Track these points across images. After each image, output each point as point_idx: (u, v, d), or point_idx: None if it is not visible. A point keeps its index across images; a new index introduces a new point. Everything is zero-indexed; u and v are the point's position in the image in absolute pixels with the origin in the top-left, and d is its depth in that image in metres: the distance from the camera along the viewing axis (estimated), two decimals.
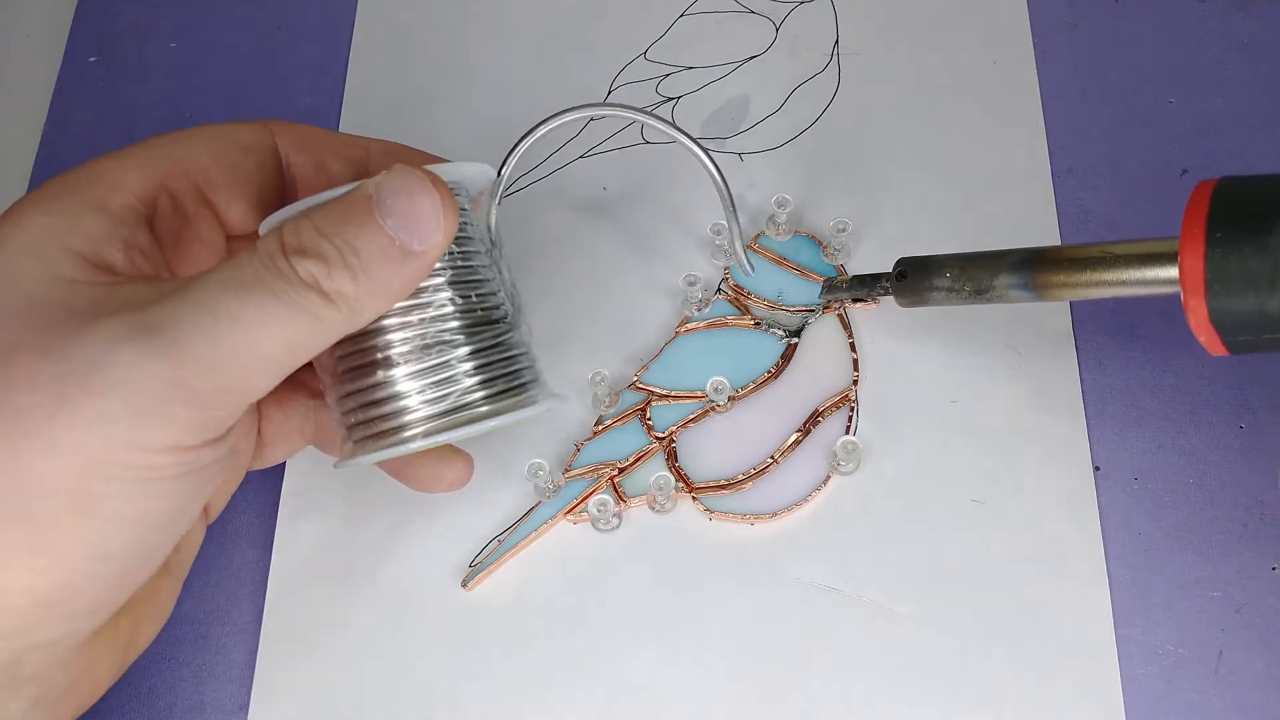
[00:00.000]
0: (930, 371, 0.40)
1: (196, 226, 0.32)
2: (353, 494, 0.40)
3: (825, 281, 0.40)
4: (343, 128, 0.46)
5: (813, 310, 0.41)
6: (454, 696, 0.37)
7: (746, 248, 0.42)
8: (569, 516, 0.39)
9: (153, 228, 0.31)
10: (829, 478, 0.39)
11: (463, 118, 0.46)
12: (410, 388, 0.31)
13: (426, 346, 0.31)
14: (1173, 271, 0.31)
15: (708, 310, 0.41)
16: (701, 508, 0.39)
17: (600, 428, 0.40)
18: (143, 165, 0.31)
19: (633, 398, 0.40)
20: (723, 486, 0.39)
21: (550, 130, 0.36)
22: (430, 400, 0.31)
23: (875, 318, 0.41)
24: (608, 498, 0.38)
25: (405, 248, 0.28)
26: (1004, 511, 0.38)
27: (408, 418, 0.31)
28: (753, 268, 0.40)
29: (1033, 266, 0.34)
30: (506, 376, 0.32)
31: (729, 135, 0.45)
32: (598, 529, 0.39)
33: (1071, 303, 0.41)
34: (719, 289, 0.42)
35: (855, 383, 0.40)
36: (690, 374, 0.40)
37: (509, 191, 0.45)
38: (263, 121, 0.34)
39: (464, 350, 0.31)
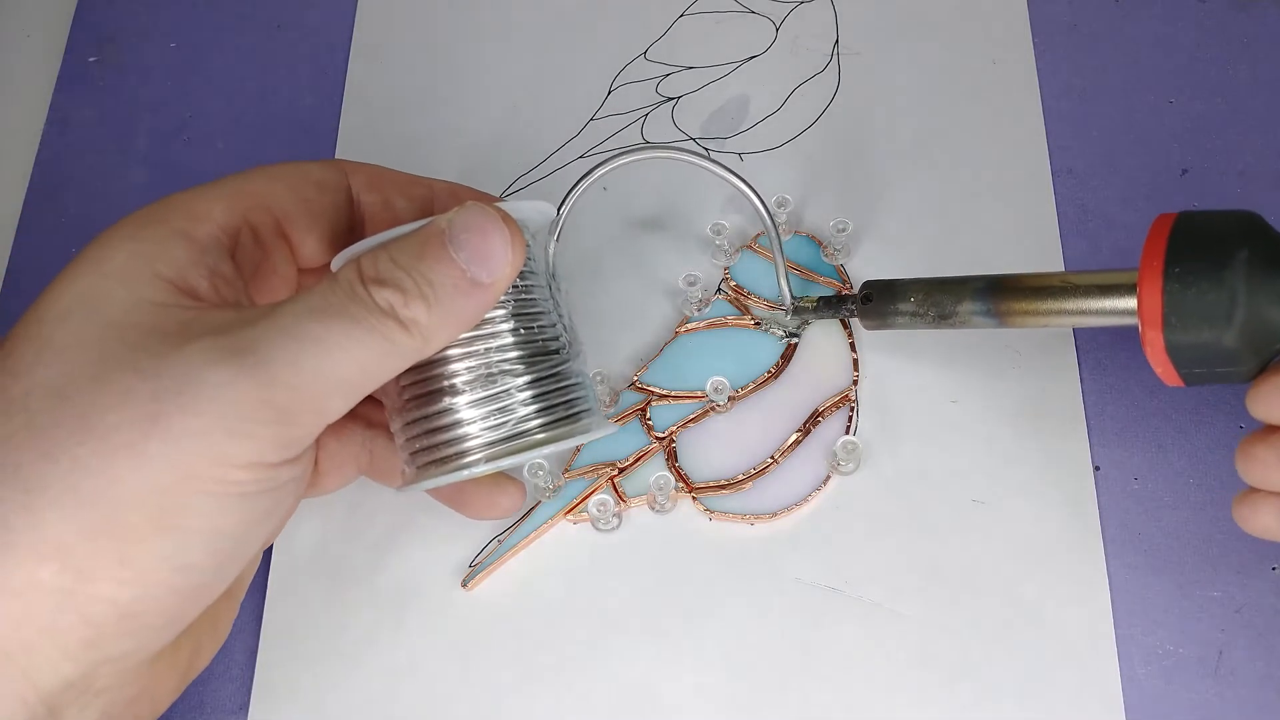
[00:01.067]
0: (930, 371, 0.40)
1: (273, 259, 0.34)
2: (353, 494, 0.40)
3: (792, 303, 0.40)
4: (343, 128, 0.46)
5: (779, 324, 0.41)
6: (454, 696, 0.37)
7: (746, 247, 0.42)
8: (569, 516, 0.39)
9: (234, 258, 0.32)
10: (829, 478, 0.39)
11: (463, 118, 0.46)
12: (472, 415, 0.32)
13: (489, 376, 0.32)
14: (1131, 303, 0.32)
15: (708, 310, 0.41)
16: (701, 508, 0.39)
17: None
18: (227, 198, 0.32)
19: (633, 398, 0.40)
20: (723, 486, 0.39)
21: (611, 170, 0.36)
22: (490, 427, 0.32)
23: None
24: (608, 498, 0.38)
25: (475, 280, 0.29)
26: (1004, 511, 0.38)
27: (469, 443, 0.32)
28: (794, 295, 0.40)
29: (995, 294, 0.35)
30: (563, 405, 0.33)
31: (729, 135, 0.45)
32: (598, 529, 0.39)
33: None
34: (719, 289, 0.42)
35: (855, 383, 0.40)
36: (690, 374, 0.40)
37: (510, 191, 0.45)
38: (336, 161, 0.36)
39: (524, 379, 0.32)
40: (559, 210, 0.35)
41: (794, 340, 0.41)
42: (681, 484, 0.39)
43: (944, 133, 0.44)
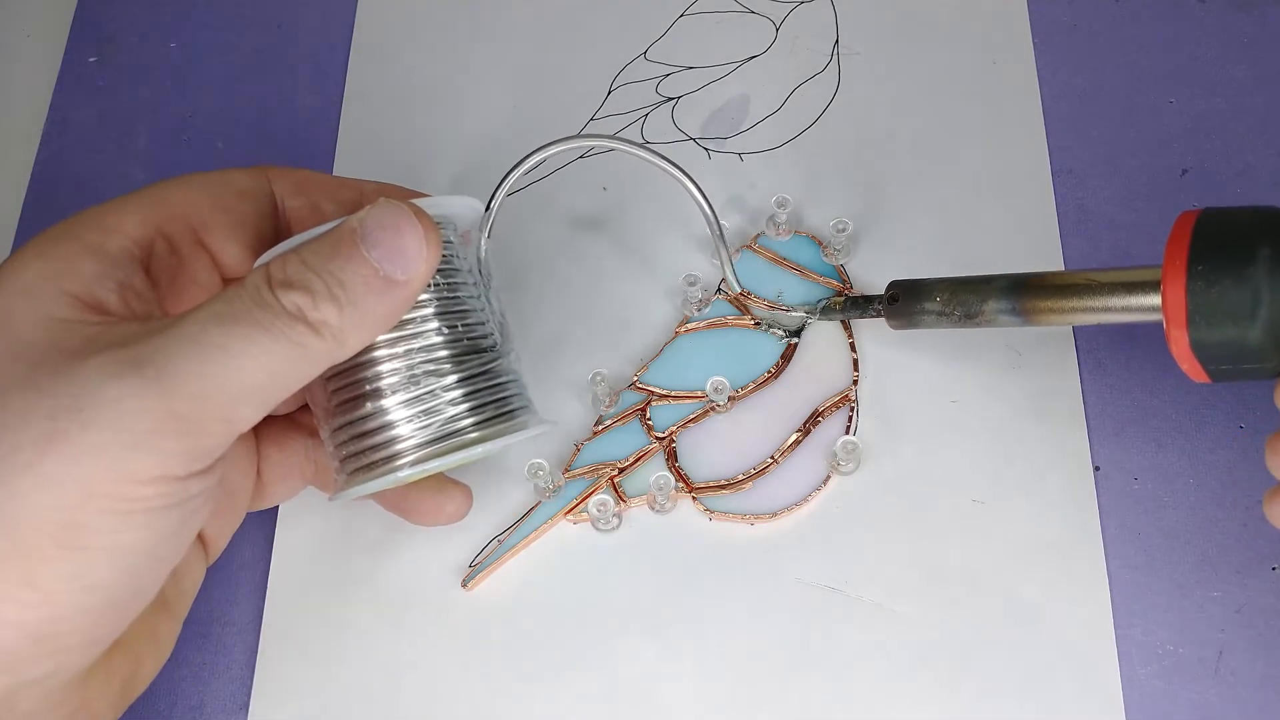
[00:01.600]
0: (930, 371, 0.40)
1: (192, 269, 0.33)
2: None
3: (819, 303, 0.41)
4: (343, 128, 0.46)
5: (808, 317, 0.41)
6: (454, 696, 0.37)
7: (746, 247, 0.42)
8: (569, 516, 0.39)
9: (148, 270, 0.32)
10: (829, 478, 0.39)
11: (462, 118, 0.46)
12: (399, 417, 0.31)
13: (415, 376, 0.31)
14: (1155, 301, 0.32)
15: (708, 310, 0.41)
16: (701, 508, 0.39)
17: (600, 428, 0.40)
18: (139, 210, 0.32)
19: (633, 398, 0.40)
20: (723, 486, 0.39)
21: (539, 162, 0.36)
22: (419, 428, 0.32)
23: (876, 318, 0.41)
24: (608, 498, 0.38)
25: (389, 278, 0.29)
26: (1004, 511, 0.38)
27: (398, 446, 0.32)
28: (740, 288, 0.40)
29: (1021, 293, 0.35)
30: (495, 403, 0.33)
31: (729, 135, 0.45)
32: (598, 529, 0.39)
33: None
34: (719, 289, 0.42)
35: (855, 383, 0.40)
36: (690, 374, 0.40)
37: (511, 191, 0.45)
38: (259, 167, 0.35)
39: (452, 379, 0.32)
40: (488, 206, 0.35)
41: (794, 340, 0.41)
42: (681, 484, 0.39)
43: (944, 133, 0.44)
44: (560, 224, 0.44)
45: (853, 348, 0.41)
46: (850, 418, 0.40)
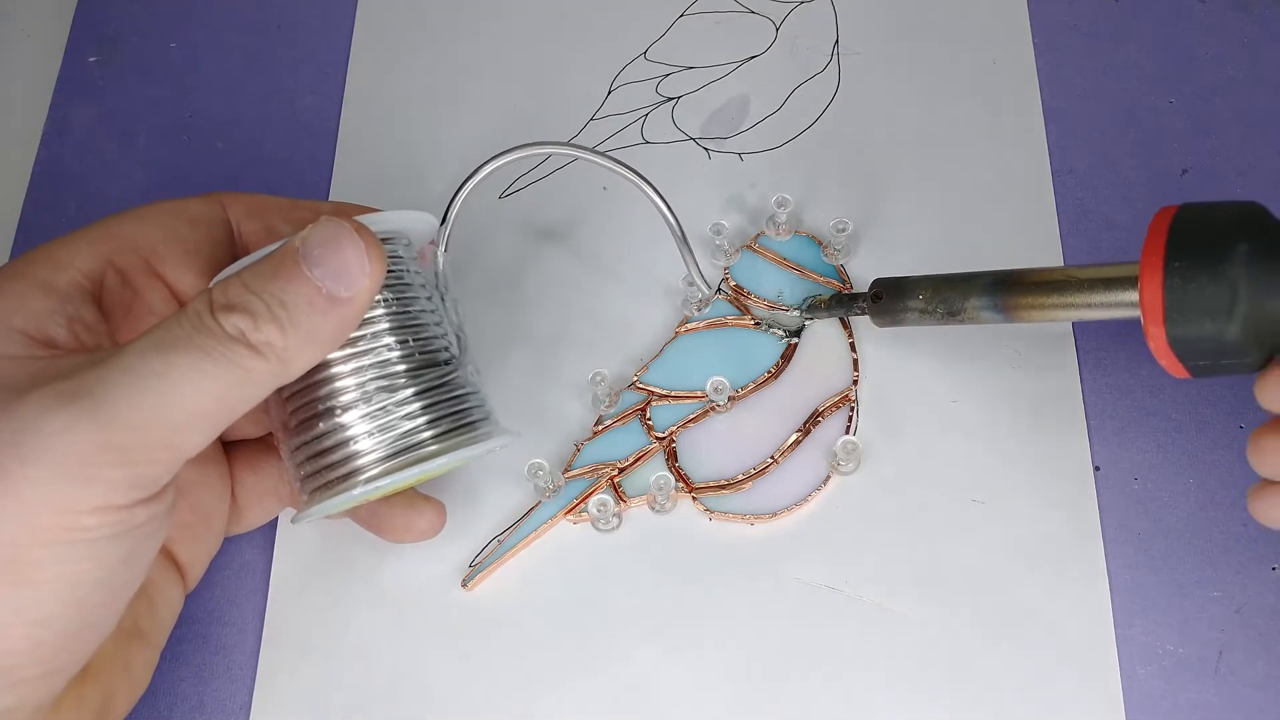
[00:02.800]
0: (930, 371, 0.40)
1: (147, 299, 0.33)
2: None
3: (805, 301, 0.41)
4: (343, 128, 0.46)
5: (800, 319, 0.41)
6: (454, 696, 0.37)
7: (746, 247, 0.42)
8: (569, 516, 0.39)
9: (100, 303, 0.32)
10: (829, 478, 0.39)
11: (463, 117, 0.46)
12: (356, 433, 0.31)
13: (370, 393, 0.31)
14: (1133, 297, 0.32)
15: (708, 310, 0.41)
16: (701, 508, 0.39)
17: (600, 428, 0.40)
18: (90, 244, 0.32)
19: (633, 398, 0.40)
20: (723, 486, 0.39)
21: (491, 171, 0.36)
22: (378, 444, 0.32)
23: None
24: (608, 498, 0.38)
25: (332, 296, 0.29)
26: (1004, 511, 0.38)
27: (357, 463, 0.32)
28: (709, 287, 0.40)
29: (1002, 290, 0.35)
30: (453, 415, 0.33)
31: (729, 135, 0.45)
32: (598, 529, 0.39)
33: None
34: (719, 289, 0.42)
35: (855, 383, 0.40)
36: (690, 374, 0.40)
37: (510, 191, 0.45)
38: (213, 194, 0.35)
39: (408, 393, 0.32)
40: (443, 219, 0.35)
41: (794, 340, 0.41)
42: (681, 484, 0.39)
43: (944, 133, 0.44)
44: (560, 224, 0.44)
45: (853, 348, 0.41)
46: (850, 418, 0.40)
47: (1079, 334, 0.41)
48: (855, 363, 0.40)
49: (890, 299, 0.38)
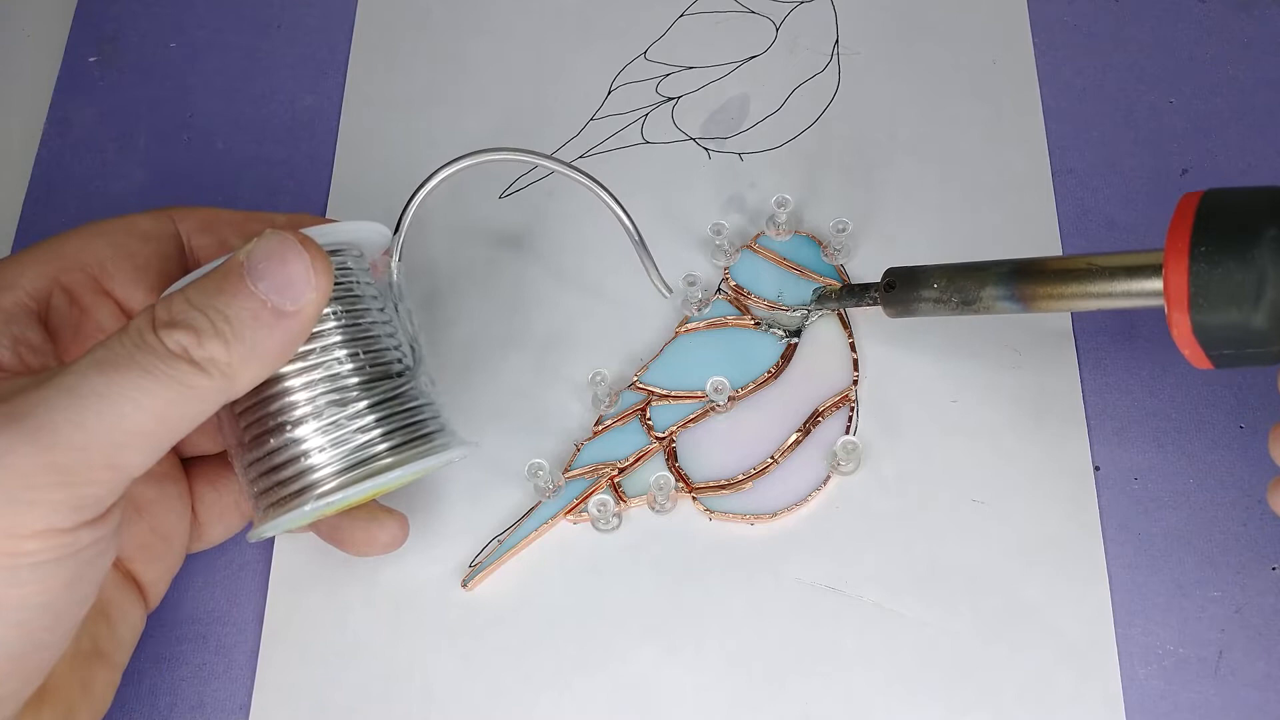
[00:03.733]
0: (930, 371, 0.40)
1: (96, 317, 0.33)
2: None
3: (816, 291, 0.41)
4: (343, 128, 0.46)
5: (807, 314, 0.41)
6: (454, 696, 0.37)
7: (746, 247, 0.42)
8: (569, 516, 0.39)
9: (47, 323, 0.31)
10: (829, 478, 0.39)
11: (463, 118, 0.46)
12: (309, 448, 0.31)
13: (322, 407, 0.31)
14: (1157, 284, 0.31)
15: (708, 310, 0.41)
16: (701, 508, 0.39)
17: (600, 428, 0.40)
18: (36, 264, 0.32)
19: (633, 398, 0.40)
20: (723, 486, 0.39)
21: (445, 179, 0.35)
22: (331, 458, 0.31)
23: (875, 317, 0.41)
24: (608, 498, 0.38)
25: (278, 309, 0.28)
26: (1004, 511, 0.38)
27: (311, 478, 0.31)
28: (670, 290, 0.39)
29: (1019, 278, 0.34)
30: (408, 428, 0.32)
31: (729, 135, 0.45)
32: (598, 529, 0.39)
33: None
34: (719, 289, 0.42)
35: (855, 383, 0.40)
36: (690, 374, 0.40)
37: (510, 191, 0.45)
38: (164, 209, 0.35)
39: (360, 406, 0.32)
40: (396, 229, 0.35)
41: (794, 340, 0.41)
42: (681, 484, 0.39)
43: (944, 133, 0.44)
44: (560, 223, 0.44)
45: (853, 348, 0.41)
46: (850, 418, 0.40)
47: (1079, 334, 0.41)
48: (855, 363, 0.40)
49: (903, 288, 0.37)
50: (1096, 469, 0.39)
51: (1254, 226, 0.28)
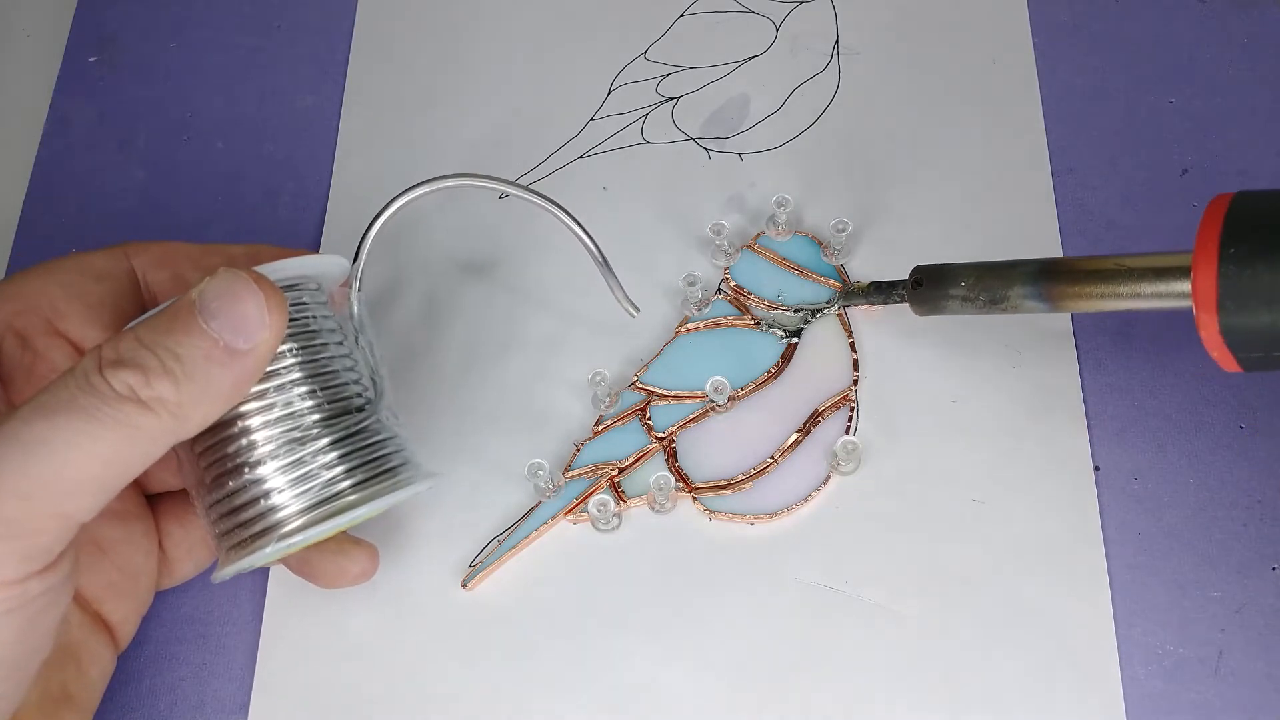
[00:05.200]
0: (930, 371, 0.40)
1: (51, 359, 0.33)
2: None
3: (841, 288, 0.41)
4: (343, 128, 0.46)
5: (821, 310, 0.41)
6: (454, 696, 0.37)
7: (746, 247, 0.42)
8: (569, 516, 0.39)
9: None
10: (829, 478, 0.39)
11: (463, 118, 0.46)
12: (270, 488, 0.31)
13: (281, 446, 0.31)
14: (1185, 286, 0.31)
15: (708, 310, 0.41)
16: (701, 508, 0.39)
17: (600, 428, 0.40)
18: None
19: (633, 398, 0.40)
20: (723, 486, 0.39)
21: (406, 204, 0.35)
22: (294, 497, 0.31)
23: (876, 318, 0.41)
24: (608, 498, 0.38)
25: (231, 348, 0.28)
26: (1004, 511, 0.38)
27: (274, 518, 0.31)
28: (637, 310, 0.39)
29: (1048, 278, 0.34)
30: (370, 463, 0.32)
31: (729, 135, 0.45)
32: (598, 529, 0.39)
33: None
34: (719, 289, 0.42)
35: (855, 383, 0.40)
36: (690, 374, 0.40)
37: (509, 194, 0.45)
38: (118, 246, 0.34)
39: (322, 443, 0.31)
40: (355, 259, 0.34)
41: (794, 340, 0.41)
42: (681, 484, 0.39)
43: (944, 133, 0.44)
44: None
45: (853, 348, 0.41)
46: (850, 418, 0.40)
47: (1079, 333, 0.41)
48: (855, 363, 0.40)
49: (931, 286, 0.37)
50: (1096, 469, 0.39)
51: None
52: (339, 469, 0.31)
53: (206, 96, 0.48)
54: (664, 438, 0.40)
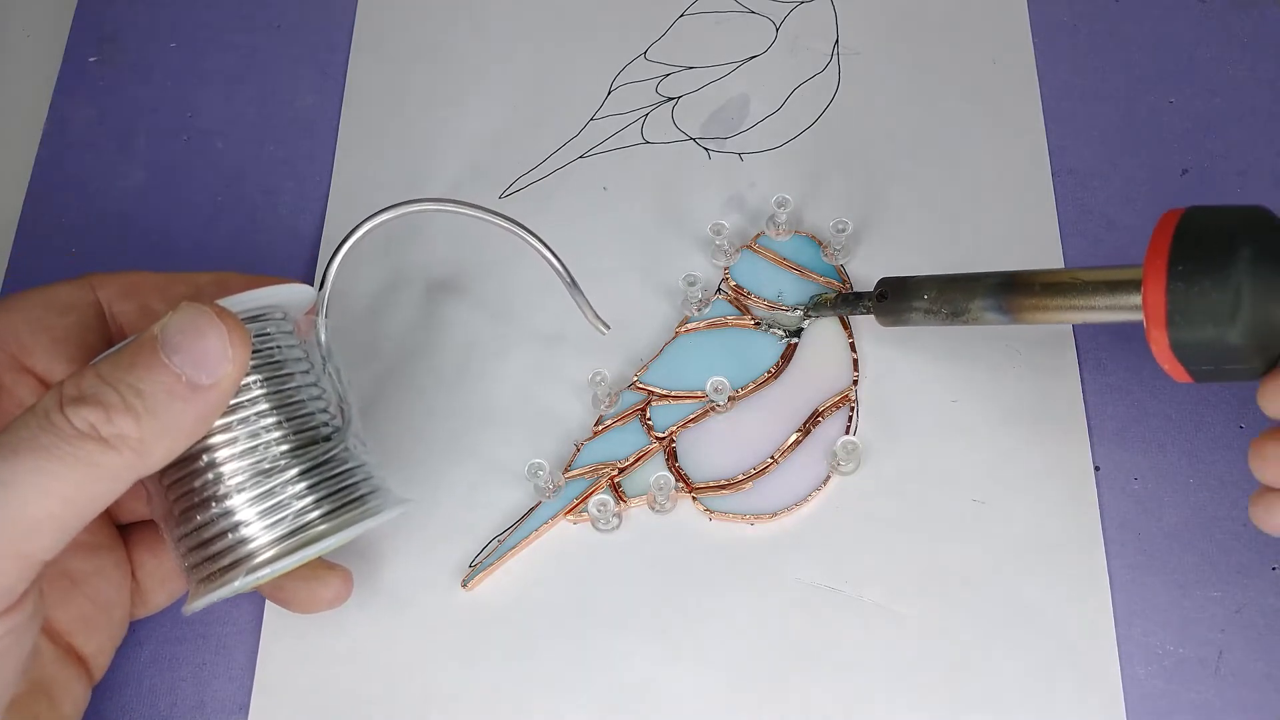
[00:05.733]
0: (930, 371, 0.40)
1: (18, 395, 0.32)
2: None
3: (811, 299, 0.41)
4: (343, 128, 0.46)
5: (803, 317, 0.41)
6: (454, 697, 0.37)
7: (746, 247, 0.42)
8: (569, 516, 0.39)
9: None
10: (829, 478, 0.39)
11: (463, 117, 0.46)
12: (238, 520, 0.31)
13: (249, 478, 0.31)
14: (1137, 300, 0.31)
15: (708, 310, 0.41)
16: (701, 508, 0.39)
17: (600, 428, 0.40)
18: None
19: (633, 398, 0.40)
20: (723, 486, 0.39)
21: (369, 230, 0.35)
22: (262, 530, 0.31)
23: (876, 318, 0.41)
24: (608, 498, 0.38)
25: (194, 383, 0.28)
26: (1004, 511, 0.38)
27: (243, 551, 0.31)
28: (607, 327, 0.38)
29: (1006, 291, 0.35)
30: (339, 493, 0.32)
31: (729, 135, 0.45)
32: (598, 529, 0.39)
33: None
34: (719, 289, 0.42)
35: (855, 383, 0.40)
36: (690, 374, 0.40)
37: (510, 191, 0.45)
38: (83, 277, 0.34)
39: (290, 474, 0.31)
40: (320, 287, 0.34)
41: (794, 340, 0.41)
42: (681, 484, 0.39)
43: (944, 133, 0.44)
44: (560, 223, 0.44)
45: (853, 348, 0.41)
46: (850, 418, 0.40)
47: (1079, 335, 0.41)
48: (855, 363, 0.40)
49: (895, 299, 0.38)
50: (1096, 469, 0.39)
51: (1232, 245, 0.29)
52: (308, 499, 0.31)
53: (206, 96, 0.48)
54: (664, 438, 0.40)
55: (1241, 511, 0.38)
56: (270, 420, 0.31)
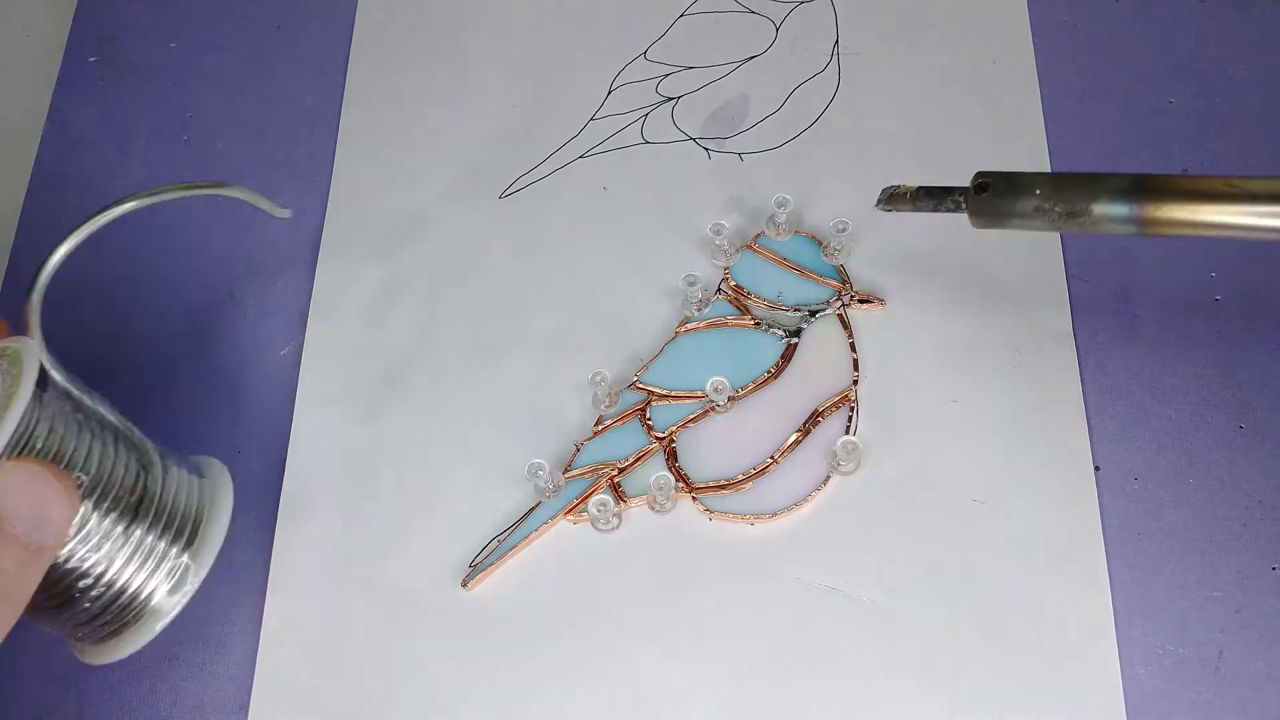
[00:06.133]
0: (930, 371, 0.40)
1: None
2: (353, 494, 0.40)
3: (885, 191, 0.37)
4: (343, 128, 0.46)
5: (880, 206, 0.38)
6: (454, 696, 0.37)
7: (746, 247, 0.42)
8: (569, 516, 0.39)
9: None
10: (829, 478, 0.39)
11: (462, 117, 0.46)
12: (127, 585, 0.32)
13: (115, 549, 0.31)
14: None
15: (708, 310, 0.41)
16: (701, 508, 0.39)
17: (600, 428, 0.40)
18: None
19: (633, 398, 0.40)
20: (723, 486, 0.39)
21: (90, 234, 0.34)
22: (157, 579, 0.32)
23: (876, 318, 0.41)
24: (608, 498, 0.38)
25: (40, 547, 0.28)
26: (1004, 511, 0.38)
27: (149, 606, 0.32)
28: (286, 210, 0.37)
29: (1142, 195, 0.30)
30: (183, 518, 0.33)
31: (729, 135, 0.45)
32: (598, 529, 0.39)
33: (1071, 303, 0.41)
34: (719, 289, 0.42)
35: (855, 383, 0.40)
36: (690, 374, 0.40)
37: (510, 191, 0.45)
38: None
39: (148, 520, 0.32)
40: (28, 293, 0.33)
41: (794, 340, 0.41)
42: (681, 484, 0.39)
43: (944, 133, 0.44)
44: (561, 223, 0.44)
45: (853, 347, 0.41)
46: (850, 418, 0.40)
47: (1079, 334, 0.41)
48: (855, 363, 0.40)
49: (999, 192, 0.33)
50: (1096, 469, 0.39)
51: None
52: (163, 541, 0.32)
53: (206, 96, 0.48)
54: (664, 438, 0.40)
55: (1242, 511, 0.38)
56: (88, 502, 0.31)
